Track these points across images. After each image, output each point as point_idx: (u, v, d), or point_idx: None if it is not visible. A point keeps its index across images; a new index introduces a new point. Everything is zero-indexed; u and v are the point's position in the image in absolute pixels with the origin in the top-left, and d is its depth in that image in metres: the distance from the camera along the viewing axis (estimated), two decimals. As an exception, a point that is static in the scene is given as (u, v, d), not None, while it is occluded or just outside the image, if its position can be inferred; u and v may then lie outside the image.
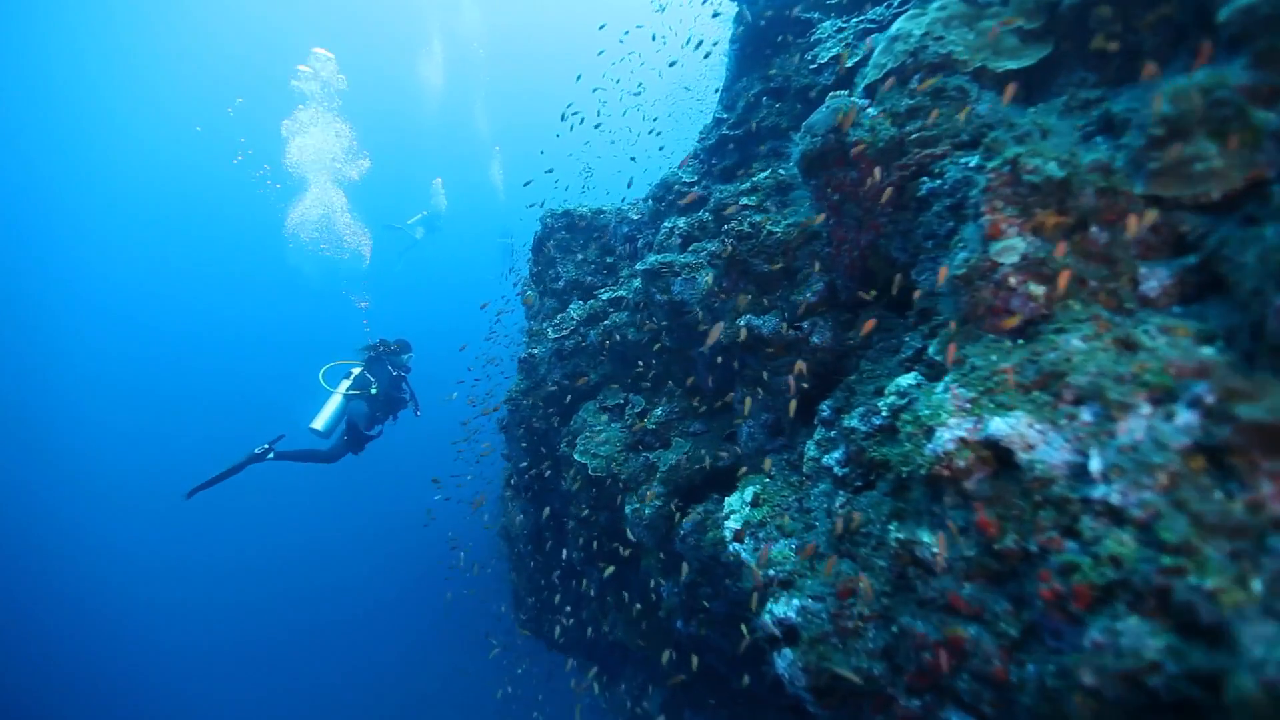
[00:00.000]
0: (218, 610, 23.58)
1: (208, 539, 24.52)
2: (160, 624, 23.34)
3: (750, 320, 3.94)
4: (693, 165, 5.88)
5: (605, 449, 5.82)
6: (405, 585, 20.33)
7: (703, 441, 5.31)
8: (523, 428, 7.26)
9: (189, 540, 24.44)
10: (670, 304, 5.05)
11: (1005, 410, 1.81)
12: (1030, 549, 1.68)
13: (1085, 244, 2.08)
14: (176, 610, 23.67)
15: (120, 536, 26.09)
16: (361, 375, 8.01)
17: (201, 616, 23.47)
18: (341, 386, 7.93)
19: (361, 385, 7.87)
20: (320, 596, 23.59)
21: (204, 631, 22.92)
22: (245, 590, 24.05)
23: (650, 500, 5.24)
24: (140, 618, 23.50)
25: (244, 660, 21.97)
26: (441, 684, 18.06)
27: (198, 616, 23.48)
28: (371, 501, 24.12)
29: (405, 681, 19.75)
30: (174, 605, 23.84)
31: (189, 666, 22.02)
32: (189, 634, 22.93)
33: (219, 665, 22.05)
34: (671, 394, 5.80)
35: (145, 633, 23.06)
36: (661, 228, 5.77)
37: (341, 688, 20.02)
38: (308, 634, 22.29)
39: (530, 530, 8.14)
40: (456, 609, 12.34)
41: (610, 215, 7.01)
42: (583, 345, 6.56)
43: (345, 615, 22.64)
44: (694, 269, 4.89)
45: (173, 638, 22.77)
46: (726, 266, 4.08)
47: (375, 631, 21.74)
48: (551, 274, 7.11)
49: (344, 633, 22.04)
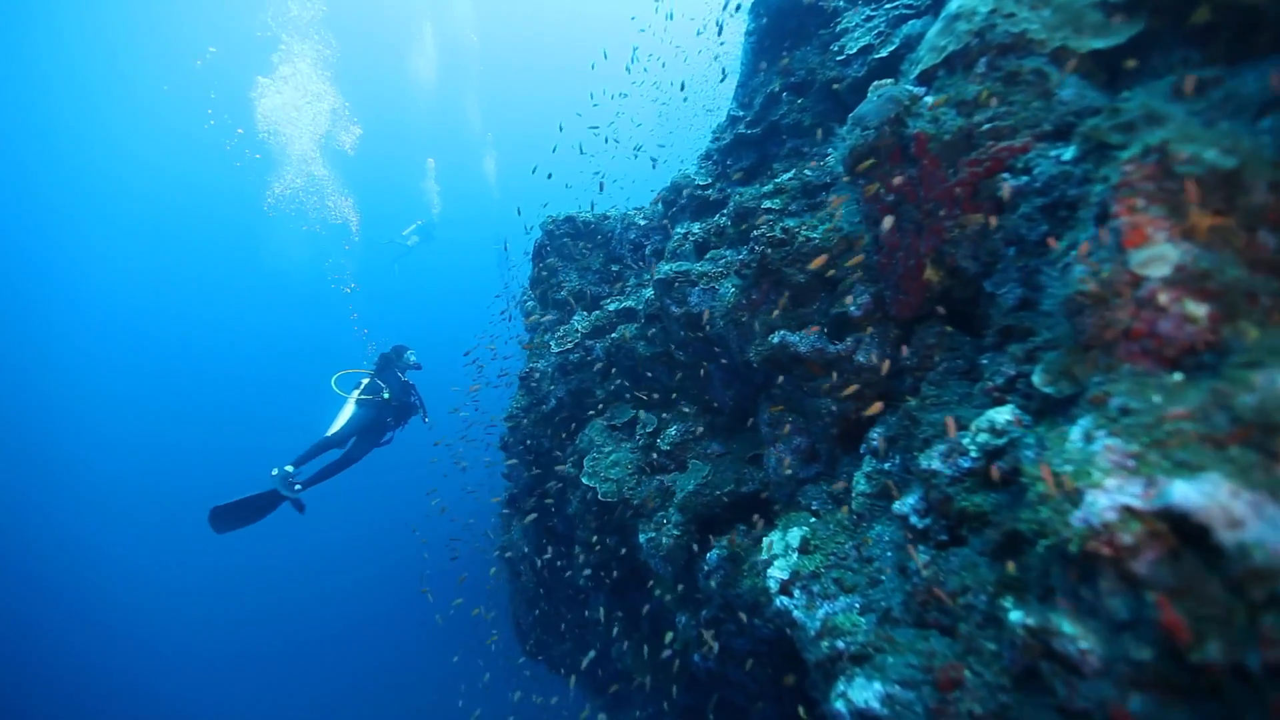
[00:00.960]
0: (216, 619, 23.24)
1: (206, 548, 23.98)
2: (158, 632, 22.98)
3: (785, 336, 3.49)
4: (706, 167, 5.44)
5: (616, 471, 5.35)
6: (399, 599, 19.77)
7: (723, 464, 4.85)
8: (523, 446, 6.78)
9: (188, 549, 23.73)
10: (687, 316, 4.60)
11: (1191, 471, 1.37)
12: (1249, 666, 1.24)
13: (1253, 250, 1.65)
14: (174, 619, 23.33)
15: (119, 545, 25.70)
16: (373, 382, 8.09)
17: (200, 626, 23.12)
18: (354, 394, 8.01)
19: (373, 391, 7.96)
20: (315, 608, 23.06)
21: (202, 640, 22.54)
22: (245, 600, 23.73)
23: (667, 529, 4.77)
24: (136, 625, 23.16)
25: (242, 670, 21.54)
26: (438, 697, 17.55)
27: (196, 626, 23.12)
28: (371, 511, 23.58)
29: (401, 698, 19.18)
30: (170, 613, 23.52)
31: (185, 674, 21.63)
32: (187, 642, 22.52)
33: (214, 674, 21.63)
34: (686, 412, 5.35)
35: (143, 641, 22.69)
36: (674, 234, 5.32)
37: (339, 700, 19.50)
38: (304, 645, 21.84)
39: (532, 552, 7.64)
40: (453, 628, 11.83)
41: (615, 220, 6.55)
42: (588, 359, 6.09)
43: (342, 627, 22.13)
44: (714, 278, 4.44)
45: (171, 646, 22.40)
46: (757, 276, 3.63)
47: (370, 645, 21.17)
48: (553, 283, 6.64)
49: (341, 645, 21.53)
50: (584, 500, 6.00)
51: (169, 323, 35.30)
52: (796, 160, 4.72)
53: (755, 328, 3.71)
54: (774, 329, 3.59)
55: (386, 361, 8.37)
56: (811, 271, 3.43)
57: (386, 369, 8.30)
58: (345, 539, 24.43)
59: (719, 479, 4.73)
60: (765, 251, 3.58)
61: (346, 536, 24.45)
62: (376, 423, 7.99)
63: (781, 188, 4.34)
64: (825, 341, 3.35)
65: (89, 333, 33.50)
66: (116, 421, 30.98)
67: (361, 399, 7.92)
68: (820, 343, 3.36)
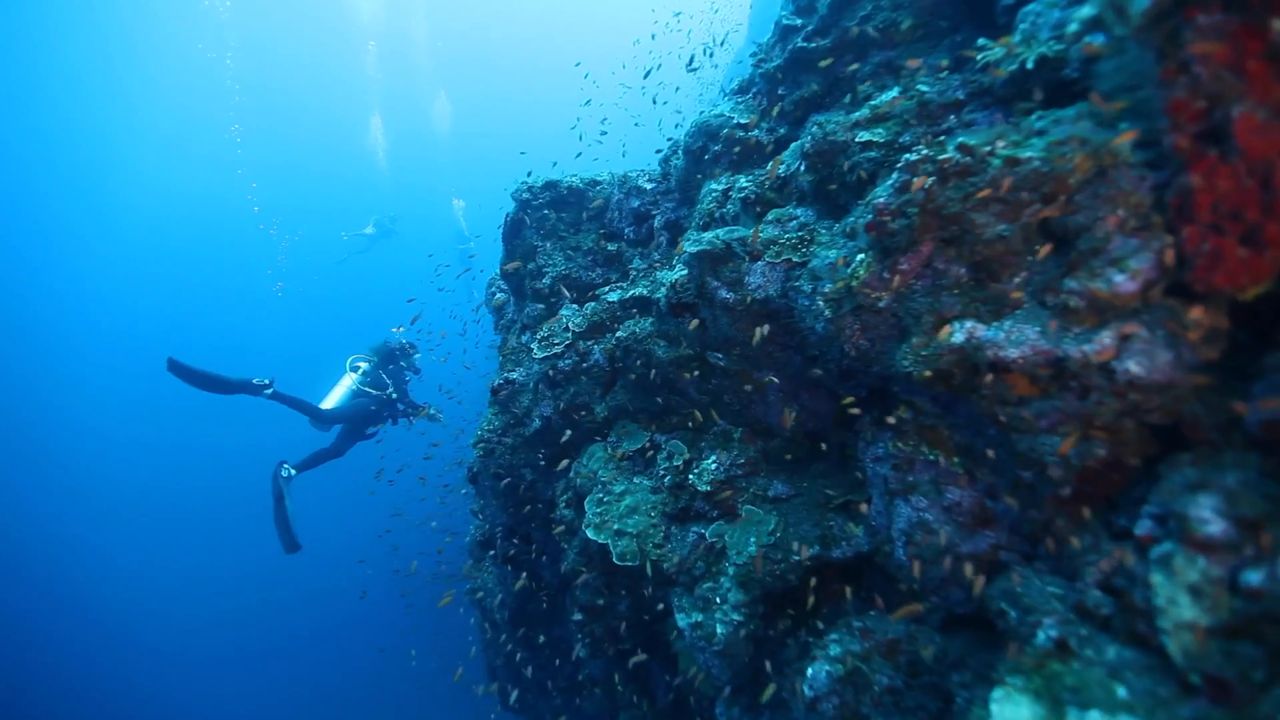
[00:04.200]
0: (214, 619, 22.12)
1: (203, 547, 23.45)
2: (158, 632, 21.86)
3: (975, 330, 1.98)
4: (745, 102, 3.88)
5: (634, 522, 3.75)
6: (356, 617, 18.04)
7: (795, 513, 3.34)
8: (499, 478, 5.12)
9: (189, 549, 23.54)
10: (748, 303, 3.04)
11: None
12: None
13: None
14: (174, 618, 22.17)
15: (115, 543, 24.75)
16: (378, 375, 7.48)
17: (194, 625, 22.03)
18: (348, 380, 7.35)
19: (379, 386, 7.37)
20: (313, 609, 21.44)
21: (202, 640, 21.51)
22: (243, 600, 22.33)
23: (722, 610, 3.22)
24: (136, 625, 22.11)
25: (237, 671, 20.50)
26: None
27: (196, 625, 22.04)
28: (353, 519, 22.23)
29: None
30: (168, 613, 22.33)
31: (184, 673, 20.66)
32: (180, 641, 21.38)
33: (211, 675, 20.62)
34: (727, 436, 3.80)
35: (142, 640, 21.61)
36: (705, 192, 3.75)
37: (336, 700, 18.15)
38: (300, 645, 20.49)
39: (512, 608, 5.98)
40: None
41: (610, 186, 4.93)
42: (584, 367, 4.48)
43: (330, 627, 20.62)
44: (791, 247, 2.90)
45: (170, 645, 21.32)
46: (911, 232, 2.10)
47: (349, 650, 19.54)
48: (531, 268, 4.98)
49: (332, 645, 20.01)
50: (585, 553, 4.40)
51: (168, 323, 33.87)
52: (889, 77, 3.21)
53: (910, 316, 2.18)
54: (945, 318, 2.07)
55: (392, 355, 7.70)
56: (1024, 218, 1.92)
57: (390, 363, 7.68)
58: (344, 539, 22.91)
59: (794, 535, 3.21)
60: (929, 189, 2.04)
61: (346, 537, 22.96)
62: (369, 417, 7.36)
63: (883, 112, 2.83)
64: (1061, 339, 1.85)
65: (88, 332, 32.42)
66: (115, 421, 29.83)
67: (363, 389, 7.28)
68: (1052, 341, 1.85)
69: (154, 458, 28.00)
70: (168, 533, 24.02)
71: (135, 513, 25.49)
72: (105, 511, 25.83)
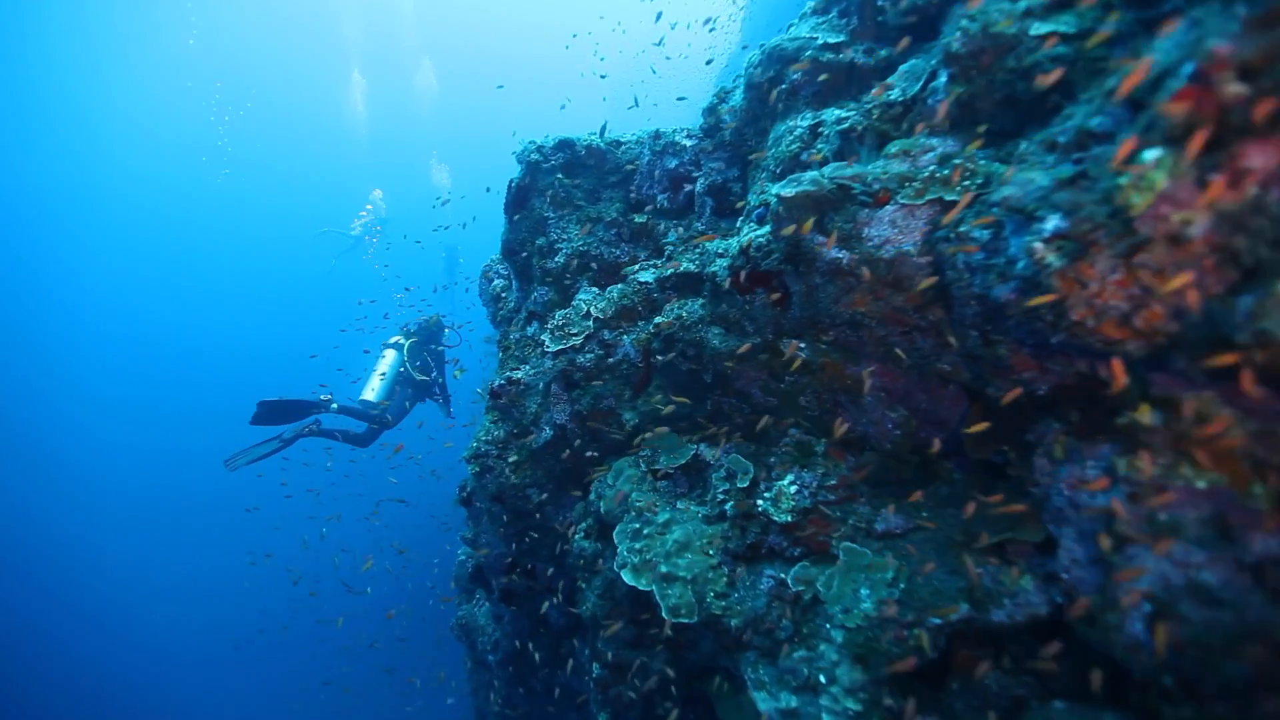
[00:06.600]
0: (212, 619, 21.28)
1: (203, 547, 22.70)
2: (156, 632, 21.20)
3: None
4: (830, 21, 2.99)
5: (688, 562, 2.78)
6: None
7: (925, 555, 2.42)
8: (499, 500, 4.09)
9: (186, 549, 22.84)
10: (867, 266, 2.13)
11: None
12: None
13: None
14: (169, 618, 21.49)
15: (115, 543, 24.02)
16: (424, 358, 6.77)
17: (194, 625, 21.13)
18: (384, 364, 6.59)
19: (423, 369, 6.68)
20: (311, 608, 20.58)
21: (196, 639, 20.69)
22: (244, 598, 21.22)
23: (828, 694, 2.27)
24: (135, 625, 21.47)
25: (237, 671, 19.68)
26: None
27: (190, 625, 21.17)
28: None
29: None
30: (168, 614, 21.66)
31: (181, 674, 20.05)
32: (180, 641, 20.73)
33: (211, 675, 19.85)
34: (806, 449, 2.86)
35: (140, 640, 20.97)
36: (781, 133, 2.84)
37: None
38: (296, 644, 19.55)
39: (506, 650, 4.94)
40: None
41: (639, 146, 3.98)
42: (609, 362, 3.51)
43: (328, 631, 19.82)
44: (941, 182, 1.99)
45: (167, 645, 20.72)
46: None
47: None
48: (541, 244, 4.00)
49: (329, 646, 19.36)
50: (610, 596, 3.41)
51: (167, 322, 33.52)
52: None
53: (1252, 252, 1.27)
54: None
55: (427, 335, 6.94)
56: None
57: (432, 342, 6.94)
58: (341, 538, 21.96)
59: (925, 587, 2.28)
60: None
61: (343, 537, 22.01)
62: (407, 399, 6.65)
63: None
64: None
65: (88, 332, 31.46)
66: (113, 421, 29.24)
67: (407, 370, 6.55)
68: None
69: (154, 458, 27.15)
70: (168, 533, 23.28)
71: (135, 513, 24.77)
72: (105, 511, 25.05)
